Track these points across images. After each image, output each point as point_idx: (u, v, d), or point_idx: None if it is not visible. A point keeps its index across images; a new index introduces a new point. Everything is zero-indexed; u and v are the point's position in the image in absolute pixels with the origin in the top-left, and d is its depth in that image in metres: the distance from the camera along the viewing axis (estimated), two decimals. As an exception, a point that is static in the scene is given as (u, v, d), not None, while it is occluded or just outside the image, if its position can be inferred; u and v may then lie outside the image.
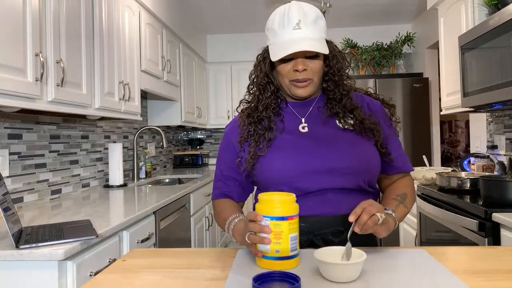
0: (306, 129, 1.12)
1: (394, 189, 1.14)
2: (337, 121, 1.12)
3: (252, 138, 1.12)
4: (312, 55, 1.06)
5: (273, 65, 1.11)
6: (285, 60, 1.06)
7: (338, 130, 1.11)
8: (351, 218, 0.89)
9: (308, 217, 1.04)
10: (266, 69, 1.13)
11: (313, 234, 1.04)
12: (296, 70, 1.05)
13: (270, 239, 0.85)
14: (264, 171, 1.09)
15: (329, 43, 1.11)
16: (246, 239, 0.90)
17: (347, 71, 1.15)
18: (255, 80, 1.16)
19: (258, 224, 0.87)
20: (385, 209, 1.01)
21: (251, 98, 1.18)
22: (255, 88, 1.17)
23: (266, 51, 1.13)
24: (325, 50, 1.04)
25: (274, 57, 1.05)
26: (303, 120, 1.14)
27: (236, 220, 1.04)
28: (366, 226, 0.88)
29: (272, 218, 0.86)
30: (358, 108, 1.11)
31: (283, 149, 1.09)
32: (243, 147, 1.14)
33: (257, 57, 1.17)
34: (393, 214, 1.00)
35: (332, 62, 1.11)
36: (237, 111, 1.21)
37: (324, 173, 1.05)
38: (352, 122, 1.10)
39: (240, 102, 1.21)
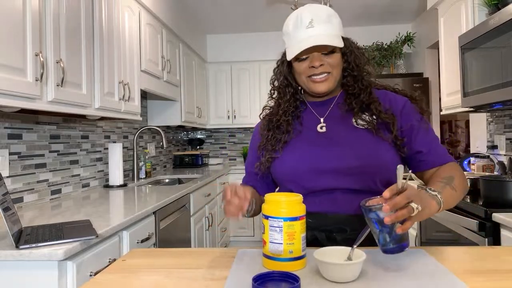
0: (324, 129, 1.14)
1: (439, 174, 1.06)
2: (353, 120, 1.12)
3: (269, 143, 1.16)
4: (328, 51, 1.08)
5: (291, 66, 1.15)
6: (301, 58, 1.09)
7: (353, 129, 1.11)
8: (386, 194, 0.80)
9: (314, 213, 1.06)
10: (284, 71, 1.17)
11: (318, 230, 1.06)
12: (313, 67, 1.07)
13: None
14: (276, 170, 1.16)
15: (345, 39, 1.13)
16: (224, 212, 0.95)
17: (366, 67, 1.15)
18: (275, 84, 1.21)
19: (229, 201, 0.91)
20: (428, 189, 0.94)
21: (273, 103, 1.23)
22: (275, 93, 1.22)
23: (284, 54, 1.17)
24: (338, 43, 1.06)
25: (289, 56, 1.09)
26: (321, 120, 1.16)
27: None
28: (396, 217, 0.79)
29: (285, 219, 0.85)
30: (376, 102, 1.11)
31: (294, 150, 1.13)
32: (261, 152, 1.19)
33: (276, 62, 1.21)
34: (438, 196, 0.93)
35: (350, 57, 1.12)
36: (260, 117, 1.26)
37: (330, 173, 1.06)
38: (367, 119, 1.10)
39: (263, 108, 1.26)
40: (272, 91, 1.23)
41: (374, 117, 1.10)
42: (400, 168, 0.83)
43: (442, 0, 2.84)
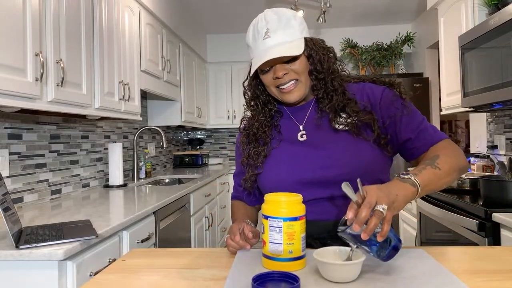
0: (304, 137, 1.11)
1: (426, 157, 1.02)
2: (333, 123, 1.07)
3: (251, 158, 1.14)
4: (290, 59, 1.03)
5: (259, 77, 1.12)
6: (265, 70, 1.07)
7: (334, 134, 1.07)
8: (349, 215, 0.78)
9: (306, 221, 1.01)
10: (252, 84, 1.15)
11: (312, 238, 1.04)
12: (277, 77, 1.04)
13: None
14: (261, 186, 1.14)
15: (309, 40, 1.07)
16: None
17: (337, 64, 1.10)
18: (246, 97, 1.19)
19: (237, 244, 0.98)
20: (401, 174, 0.91)
21: (249, 114, 1.21)
22: (249, 104, 1.20)
23: (251, 66, 1.13)
24: (295, 51, 1.01)
25: (252, 71, 1.06)
26: (301, 127, 1.12)
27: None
28: (370, 230, 0.76)
29: (285, 219, 0.85)
30: (352, 101, 1.06)
31: (277, 164, 1.11)
32: (245, 167, 1.17)
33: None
34: (412, 178, 0.89)
35: (315, 58, 1.06)
36: (239, 130, 1.23)
37: (316, 183, 1.04)
38: (347, 121, 1.06)
39: (241, 120, 1.23)
40: (246, 103, 1.20)
41: (354, 117, 1.05)
42: (346, 185, 0.82)
43: (442, 0, 2.84)
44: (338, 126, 1.07)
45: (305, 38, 1.06)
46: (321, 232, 1.04)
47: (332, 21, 4.36)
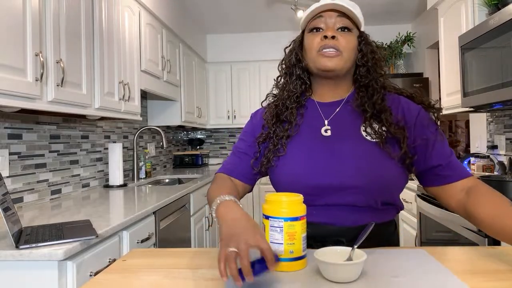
0: (328, 133, 1.07)
1: (492, 197, 0.95)
2: (362, 128, 1.05)
3: (271, 141, 1.10)
4: (344, 27, 1.04)
5: (303, 47, 1.11)
6: (315, 28, 1.06)
7: (359, 140, 1.04)
8: None
9: (310, 223, 0.96)
10: (296, 47, 1.12)
11: (314, 240, 1.02)
12: (325, 37, 1.02)
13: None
14: (276, 174, 1.09)
15: (363, 32, 1.09)
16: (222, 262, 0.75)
17: (382, 65, 1.09)
18: (283, 64, 1.15)
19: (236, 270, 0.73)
20: None
21: (278, 91, 1.17)
22: (282, 78, 1.16)
23: (296, 38, 1.14)
24: (356, 18, 1.04)
25: (305, 17, 1.07)
26: (326, 122, 1.09)
27: (226, 198, 0.90)
28: None
29: (286, 219, 0.85)
30: (388, 111, 1.03)
31: (297, 156, 1.07)
32: (260, 147, 1.13)
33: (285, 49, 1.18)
34: None
35: (366, 48, 1.07)
36: (261, 105, 1.20)
37: (329, 189, 1.02)
38: (376, 129, 1.03)
39: (267, 96, 1.19)
40: (279, 78, 1.16)
41: (384, 128, 1.02)
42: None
43: (442, 0, 2.84)
44: (366, 136, 1.04)
45: (361, 31, 1.09)
46: (324, 235, 1.03)
47: (332, 21, 4.36)
